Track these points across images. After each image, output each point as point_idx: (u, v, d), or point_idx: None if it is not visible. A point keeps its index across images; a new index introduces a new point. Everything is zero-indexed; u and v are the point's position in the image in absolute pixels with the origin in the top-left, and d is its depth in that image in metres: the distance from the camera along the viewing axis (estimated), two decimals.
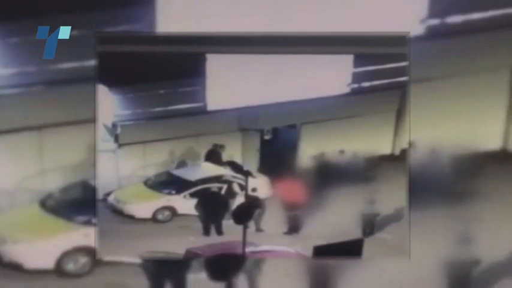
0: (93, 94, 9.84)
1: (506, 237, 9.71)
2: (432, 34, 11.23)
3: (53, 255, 9.59)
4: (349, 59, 12.06)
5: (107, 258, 9.55)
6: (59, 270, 9.63)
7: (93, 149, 10.04)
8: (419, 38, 10.76)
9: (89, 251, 9.69)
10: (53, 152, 10.38)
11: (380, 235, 10.86)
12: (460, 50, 11.25)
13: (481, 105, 11.30)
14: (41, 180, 10.47)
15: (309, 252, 8.43)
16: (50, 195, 10.43)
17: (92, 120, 9.90)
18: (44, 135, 10.41)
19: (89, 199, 10.01)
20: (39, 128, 10.39)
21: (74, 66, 10.11)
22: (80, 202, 10.16)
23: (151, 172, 12.19)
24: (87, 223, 9.83)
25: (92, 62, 9.84)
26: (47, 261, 9.58)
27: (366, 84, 12.55)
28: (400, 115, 13.08)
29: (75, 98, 9.93)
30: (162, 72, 11.27)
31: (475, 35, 11.28)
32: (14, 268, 9.50)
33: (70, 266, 9.69)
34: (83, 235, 9.75)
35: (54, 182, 10.44)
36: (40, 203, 10.33)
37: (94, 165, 9.92)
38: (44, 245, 9.61)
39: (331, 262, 8.89)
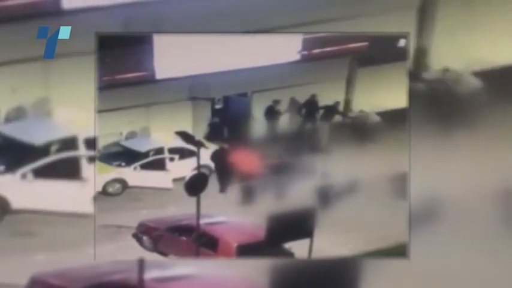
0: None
1: None
2: None
3: None
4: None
5: None
6: None
7: None
8: None
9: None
10: None
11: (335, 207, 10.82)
12: None
13: (494, 24, 11.25)
14: None
15: (262, 221, 8.39)
16: None
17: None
18: None
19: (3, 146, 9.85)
20: None
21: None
22: None
23: (100, 144, 11.88)
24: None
25: None
26: None
27: (317, 50, 12.46)
28: (350, 82, 13.12)
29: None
30: (107, 40, 10.86)
31: None
32: None
33: None
34: None
35: None
36: None
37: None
38: None
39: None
